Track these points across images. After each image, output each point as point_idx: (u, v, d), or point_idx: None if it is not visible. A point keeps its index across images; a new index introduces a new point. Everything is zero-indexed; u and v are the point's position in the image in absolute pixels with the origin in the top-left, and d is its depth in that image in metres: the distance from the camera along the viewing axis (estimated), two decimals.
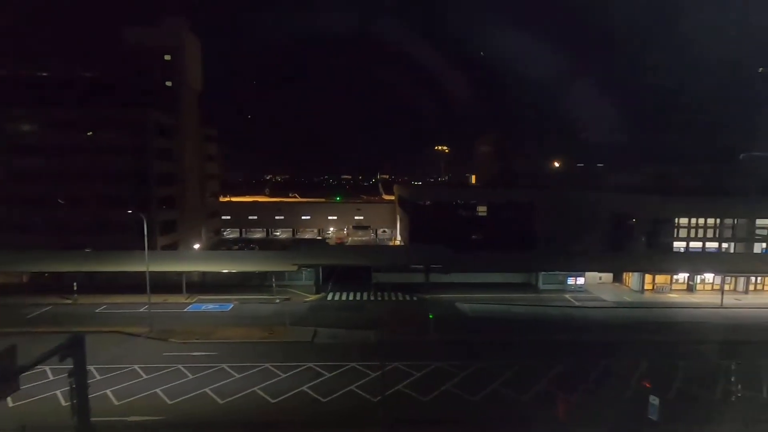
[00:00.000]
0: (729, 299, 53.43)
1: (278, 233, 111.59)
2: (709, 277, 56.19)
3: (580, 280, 56.17)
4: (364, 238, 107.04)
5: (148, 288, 39.70)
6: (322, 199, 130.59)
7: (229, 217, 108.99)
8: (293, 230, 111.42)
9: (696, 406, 28.80)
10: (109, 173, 65.32)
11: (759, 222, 56.29)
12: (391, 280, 56.78)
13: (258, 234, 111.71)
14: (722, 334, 41.89)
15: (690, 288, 56.17)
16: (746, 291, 56.13)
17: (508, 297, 52.80)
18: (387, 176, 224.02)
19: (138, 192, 65.96)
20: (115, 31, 79.05)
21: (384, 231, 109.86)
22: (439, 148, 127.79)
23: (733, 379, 31.90)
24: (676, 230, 59.68)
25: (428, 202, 75.40)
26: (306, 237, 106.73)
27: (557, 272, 55.47)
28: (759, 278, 57.15)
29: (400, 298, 52.15)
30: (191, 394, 28.94)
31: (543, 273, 55.95)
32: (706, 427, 26.78)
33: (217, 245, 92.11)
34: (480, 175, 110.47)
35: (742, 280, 56.47)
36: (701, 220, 60.07)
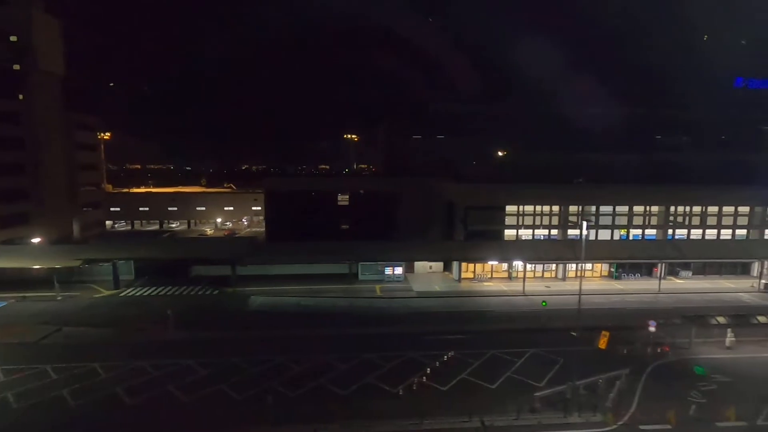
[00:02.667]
0: (540, 286, 53.82)
1: (174, 225, 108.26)
2: (530, 265, 56.33)
3: (398, 270, 55.36)
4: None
5: None
6: (225, 189, 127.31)
7: (119, 209, 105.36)
8: (188, 222, 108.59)
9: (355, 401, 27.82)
10: None
11: (572, 209, 56.67)
12: (211, 273, 55.12)
13: (153, 226, 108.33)
14: (485, 323, 41.77)
15: (510, 276, 56.37)
16: (564, 278, 56.59)
17: (318, 288, 51.58)
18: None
19: None
20: None
21: None
22: (348, 136, 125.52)
23: (429, 371, 31.56)
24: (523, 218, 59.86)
25: (285, 192, 73.44)
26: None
27: (375, 262, 54.71)
28: (588, 265, 57.85)
29: (200, 293, 50.39)
30: None
31: (361, 263, 55.13)
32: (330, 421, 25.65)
33: (89, 238, 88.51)
34: (375, 164, 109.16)
35: (561, 267, 56.88)
36: (539, 208, 60.31)
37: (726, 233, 62.72)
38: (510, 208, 59.54)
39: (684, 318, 36.37)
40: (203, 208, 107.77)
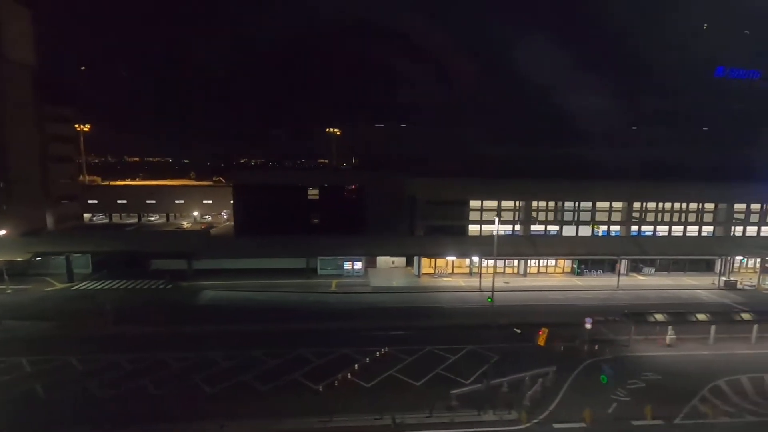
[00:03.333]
0: (499, 282, 53.38)
1: (153, 218, 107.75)
2: (492, 260, 55.98)
3: (357, 265, 55.07)
4: None
5: None
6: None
7: (96, 202, 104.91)
8: (167, 215, 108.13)
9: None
10: None
11: (534, 205, 56.26)
12: (170, 266, 54.62)
13: (133, 219, 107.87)
14: (433, 319, 41.49)
15: (470, 271, 55.99)
16: (525, 274, 56.21)
17: (274, 283, 51.21)
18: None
19: None
20: None
21: None
22: (330, 130, 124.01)
23: (356, 367, 31.20)
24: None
25: (253, 186, 72.76)
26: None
27: (333, 257, 54.37)
28: (551, 261, 57.48)
29: (154, 287, 49.94)
30: None
31: (321, 258, 54.79)
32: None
33: (65, 231, 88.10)
34: (355, 158, 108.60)
35: (522, 263, 56.50)
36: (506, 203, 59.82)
37: (693, 230, 62.57)
38: (475, 203, 59.21)
39: (623, 315, 36.04)
40: (182, 202, 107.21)
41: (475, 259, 53.70)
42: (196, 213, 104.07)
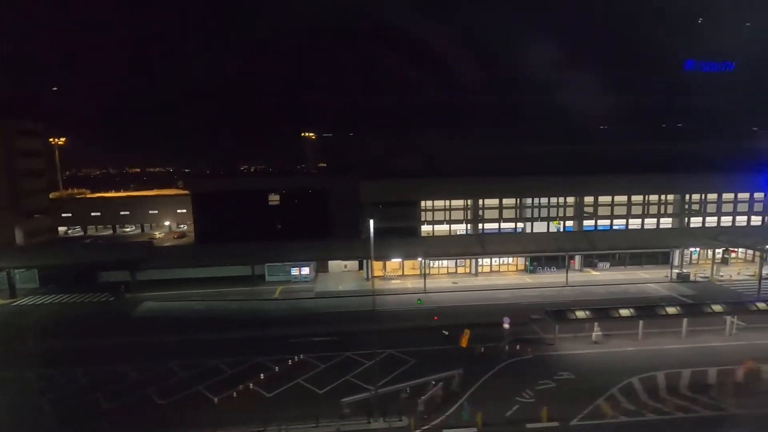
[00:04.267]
0: (448, 282, 52.90)
1: (128, 229, 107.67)
2: (444, 261, 55.46)
3: (305, 270, 54.60)
4: None
5: None
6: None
7: (70, 215, 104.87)
8: (142, 225, 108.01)
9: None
10: None
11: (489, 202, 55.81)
12: (118, 278, 54.17)
13: (108, 231, 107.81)
14: (364, 323, 39.80)
15: (421, 272, 55.37)
16: (476, 273, 55.55)
17: (220, 291, 50.73)
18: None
19: None
20: None
21: None
22: (306, 134, 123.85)
23: (262, 377, 30.66)
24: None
25: (212, 193, 72.38)
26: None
27: (280, 264, 53.88)
28: (509, 259, 56.86)
29: (95, 300, 49.46)
30: None
31: (268, 265, 54.31)
32: None
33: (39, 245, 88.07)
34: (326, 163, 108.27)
35: (473, 262, 55.84)
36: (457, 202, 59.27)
37: (651, 223, 61.76)
38: (427, 203, 58.62)
39: (546, 313, 35.36)
40: (156, 212, 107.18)
41: (432, 259, 53.12)
42: (167, 222, 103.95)
